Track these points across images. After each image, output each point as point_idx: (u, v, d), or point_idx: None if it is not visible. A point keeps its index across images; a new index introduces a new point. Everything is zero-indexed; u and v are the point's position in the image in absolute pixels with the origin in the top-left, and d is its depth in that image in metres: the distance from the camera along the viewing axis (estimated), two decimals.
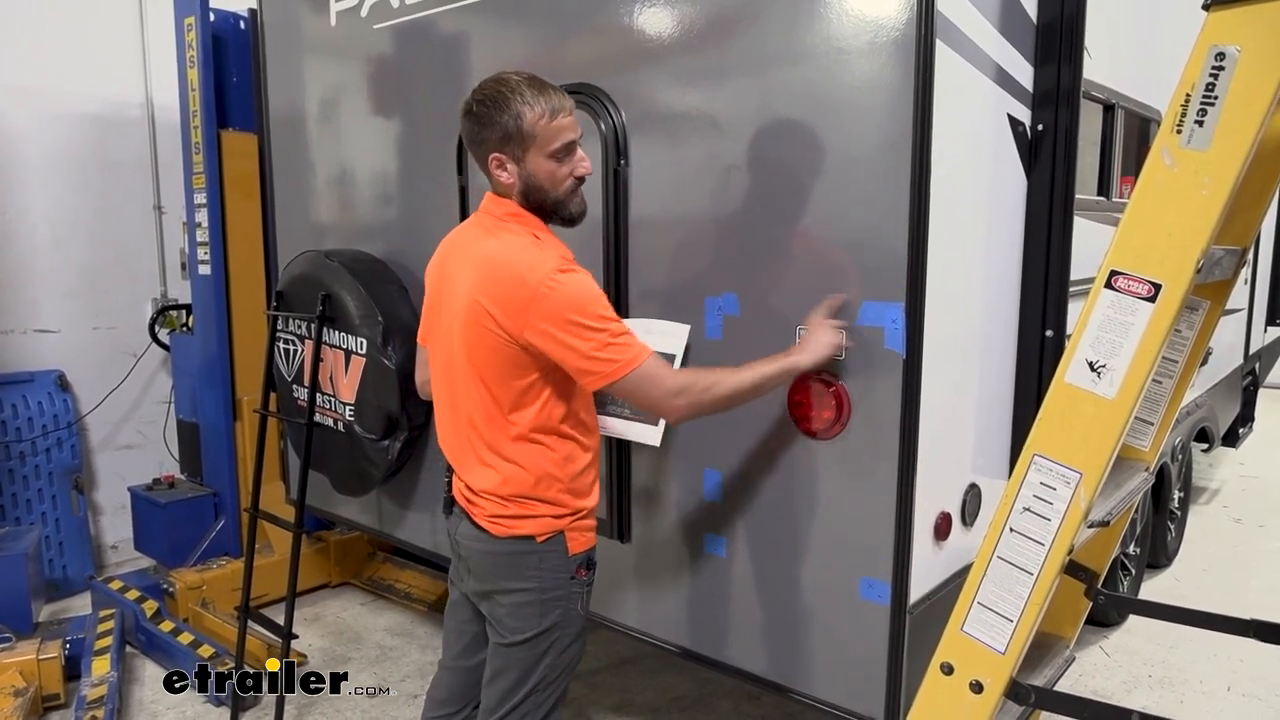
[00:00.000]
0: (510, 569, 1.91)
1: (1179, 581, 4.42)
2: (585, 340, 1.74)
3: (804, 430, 2.19)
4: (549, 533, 1.89)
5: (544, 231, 1.90)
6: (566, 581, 1.92)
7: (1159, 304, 1.43)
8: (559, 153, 1.82)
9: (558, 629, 1.92)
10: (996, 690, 1.60)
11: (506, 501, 1.88)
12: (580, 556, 1.94)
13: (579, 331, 1.74)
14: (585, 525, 1.96)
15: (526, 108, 1.78)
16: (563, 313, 1.73)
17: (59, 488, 4.43)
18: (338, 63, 3.41)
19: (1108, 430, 1.47)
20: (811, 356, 2.01)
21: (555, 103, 1.81)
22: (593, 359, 1.75)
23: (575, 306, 1.74)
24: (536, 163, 1.82)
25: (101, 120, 4.65)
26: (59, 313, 4.57)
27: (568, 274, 1.76)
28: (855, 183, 2.05)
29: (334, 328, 3.14)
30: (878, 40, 1.98)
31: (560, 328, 1.73)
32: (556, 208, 1.88)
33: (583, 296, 1.76)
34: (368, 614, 4.15)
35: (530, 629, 1.90)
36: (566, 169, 1.85)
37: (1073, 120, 2.33)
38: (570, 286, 1.75)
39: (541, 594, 1.90)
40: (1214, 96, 1.37)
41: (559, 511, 1.90)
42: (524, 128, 1.78)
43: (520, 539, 1.89)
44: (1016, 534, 1.57)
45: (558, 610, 1.91)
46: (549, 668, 1.93)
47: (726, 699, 3.33)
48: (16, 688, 3.09)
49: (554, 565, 1.90)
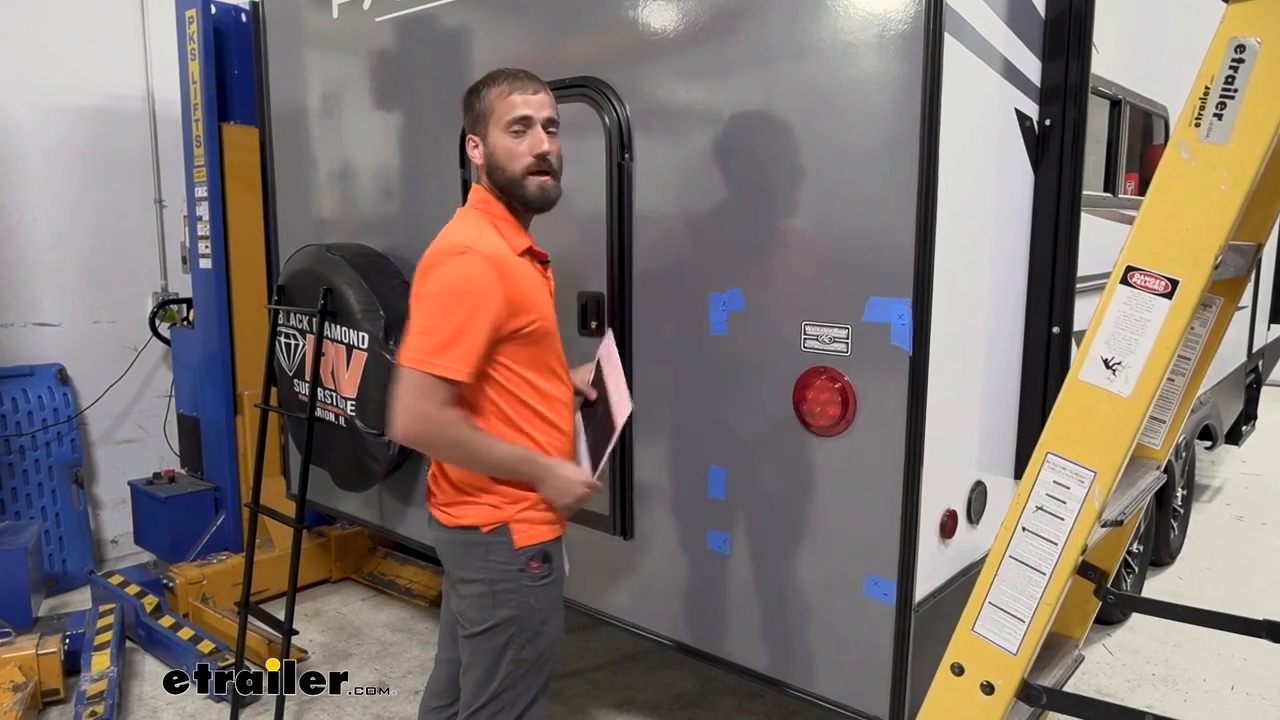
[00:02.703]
0: (462, 559, 1.92)
1: (1182, 580, 4.41)
2: (426, 315, 1.77)
3: (809, 427, 2.17)
4: (493, 523, 1.88)
5: (506, 221, 1.89)
6: (515, 574, 1.89)
7: (1176, 300, 1.42)
8: (513, 126, 1.84)
9: (513, 623, 1.89)
10: (1008, 691, 1.59)
11: (451, 489, 1.91)
12: (530, 550, 1.89)
13: (427, 304, 1.77)
14: (535, 517, 1.91)
15: (489, 88, 1.87)
16: (437, 282, 1.77)
17: (59, 482, 4.42)
18: (339, 56, 3.39)
19: (1123, 428, 1.45)
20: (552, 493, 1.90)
21: (521, 83, 1.86)
22: (412, 334, 1.77)
23: (450, 286, 1.75)
24: (495, 137, 1.86)
25: (102, 113, 4.62)
26: (59, 306, 4.55)
27: (475, 259, 1.76)
28: (862, 177, 2.04)
29: (335, 322, 3.12)
30: (886, 34, 1.96)
31: (423, 293, 1.78)
32: (512, 186, 1.87)
33: (463, 283, 1.75)
34: (368, 609, 4.14)
35: (484, 620, 1.90)
36: (524, 145, 1.84)
37: (1080, 115, 2.31)
38: (463, 268, 1.75)
39: (491, 585, 1.89)
40: (1233, 89, 1.35)
41: (501, 500, 1.88)
42: (485, 106, 1.86)
43: (466, 529, 1.90)
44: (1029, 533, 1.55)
45: (509, 603, 1.89)
46: (514, 663, 1.90)
47: (729, 696, 3.32)
48: (16, 683, 3.07)
49: (501, 558, 1.88)
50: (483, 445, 1.82)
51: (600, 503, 2.60)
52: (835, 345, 2.11)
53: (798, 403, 2.19)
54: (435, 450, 1.85)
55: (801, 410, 2.18)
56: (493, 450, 1.83)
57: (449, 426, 1.76)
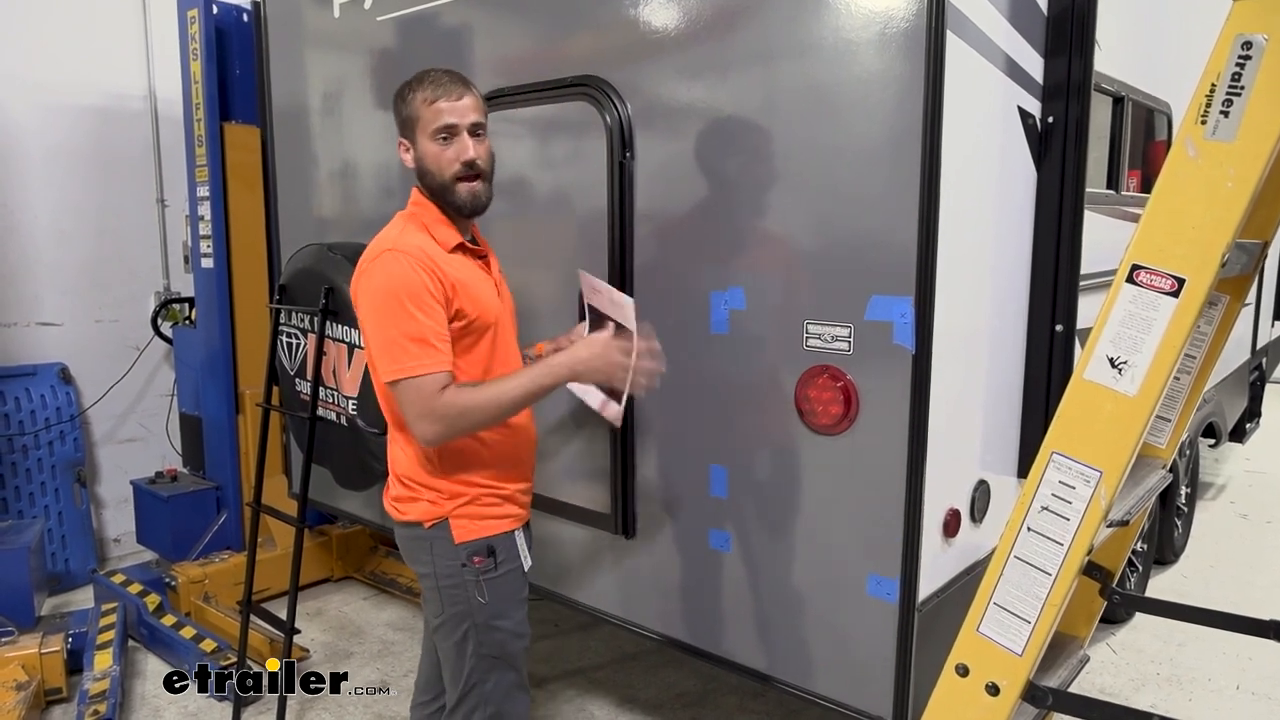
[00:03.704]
0: (411, 554, 1.96)
1: (1186, 578, 4.40)
2: (379, 330, 1.76)
3: (812, 426, 2.17)
4: (433, 519, 1.90)
5: (439, 222, 1.90)
6: (458, 570, 1.90)
7: (1182, 299, 1.40)
8: (439, 133, 1.85)
9: (464, 618, 1.91)
10: (1013, 692, 1.58)
11: (396, 483, 1.93)
12: (473, 545, 1.90)
13: (374, 318, 1.77)
14: (475, 512, 1.91)
15: (417, 92, 1.86)
16: (371, 295, 1.77)
17: (61, 481, 4.42)
18: (341, 55, 3.38)
19: (1129, 428, 1.44)
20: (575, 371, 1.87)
21: (441, 89, 1.84)
22: (380, 351, 1.76)
23: (382, 291, 1.76)
24: (423, 144, 1.87)
25: (104, 113, 4.62)
26: (62, 306, 4.55)
27: (394, 257, 1.77)
28: (864, 175, 2.03)
29: (337, 321, 3.11)
30: (887, 32, 1.95)
31: (365, 311, 1.78)
32: (443, 192, 1.89)
33: (392, 283, 1.75)
34: (370, 608, 4.14)
35: (437, 615, 1.94)
36: (451, 153, 1.86)
37: (1083, 113, 2.30)
38: (386, 270, 1.76)
39: (437, 580, 1.91)
40: (1240, 86, 1.34)
41: (438, 496, 1.89)
42: (411, 112, 1.87)
43: (410, 524, 1.92)
44: (1035, 534, 1.54)
45: (456, 598, 1.91)
46: (476, 657, 1.92)
47: (730, 696, 3.31)
48: (19, 681, 3.08)
49: (443, 553, 1.90)
50: (496, 396, 1.78)
51: (601, 501, 2.60)
52: (837, 344, 2.11)
53: (800, 402, 2.18)
54: (467, 430, 1.82)
55: (804, 409, 2.17)
56: (509, 393, 1.79)
57: (456, 405, 1.75)
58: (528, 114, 2.63)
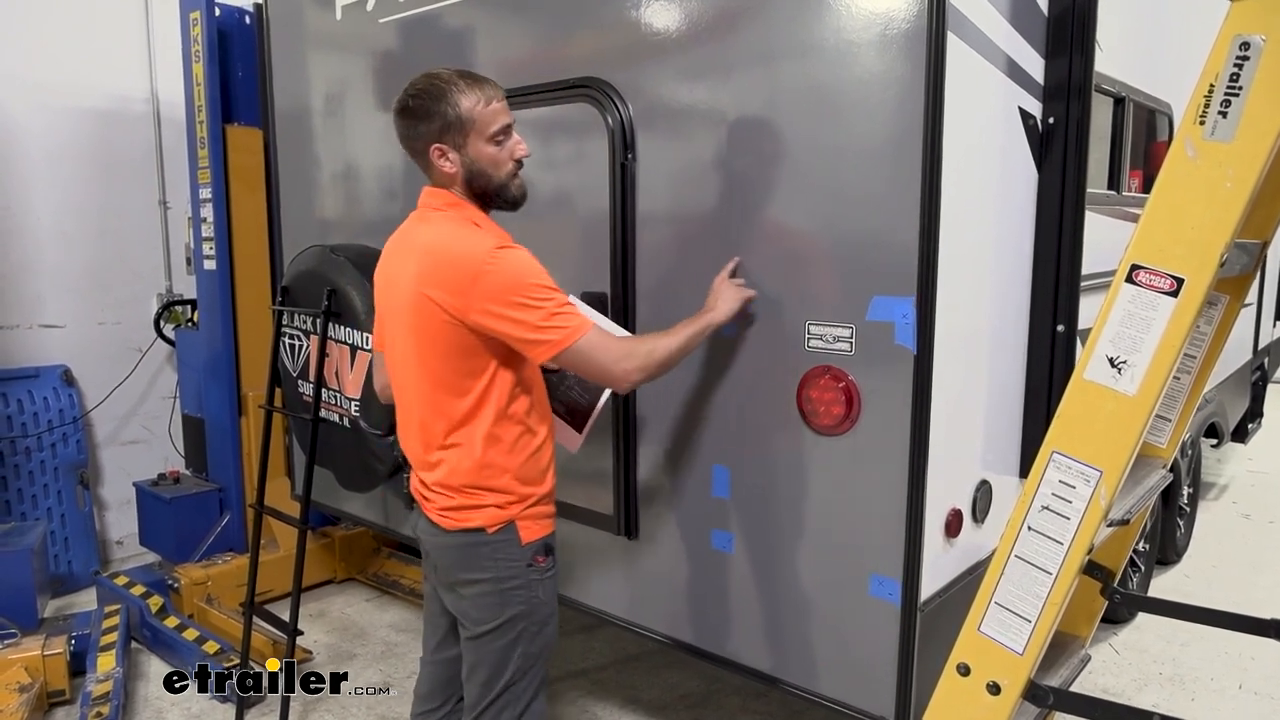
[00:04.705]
0: (466, 561, 1.93)
1: (1188, 578, 4.39)
2: (530, 313, 1.77)
3: (813, 426, 2.17)
4: (499, 523, 1.90)
5: (484, 219, 1.93)
6: (524, 570, 1.92)
7: (1181, 298, 1.41)
8: (498, 135, 1.87)
9: (522, 619, 1.93)
10: (1014, 691, 1.58)
11: (454, 493, 1.90)
12: (536, 544, 1.94)
13: (523, 307, 1.77)
14: (538, 513, 1.96)
15: (462, 96, 1.84)
16: (506, 290, 1.77)
17: (64, 483, 4.43)
18: (343, 57, 3.39)
19: (1128, 427, 1.45)
20: (725, 311, 2.11)
21: (489, 91, 1.87)
22: (540, 329, 1.78)
23: (517, 282, 1.77)
24: (478, 148, 1.87)
25: (106, 115, 4.63)
26: (64, 308, 4.56)
27: (507, 250, 1.80)
28: (865, 176, 2.03)
29: (339, 323, 3.12)
30: (888, 33, 1.95)
31: (505, 305, 1.77)
32: (500, 191, 1.92)
33: (524, 271, 1.79)
34: (373, 610, 4.14)
35: (493, 619, 1.92)
36: (506, 152, 1.89)
37: (1084, 113, 2.30)
38: (510, 262, 1.79)
39: (499, 584, 1.91)
40: (1238, 87, 1.34)
41: (506, 500, 1.90)
42: (463, 114, 1.84)
43: (471, 531, 1.90)
44: (1035, 533, 1.54)
45: (518, 599, 1.92)
46: (522, 657, 1.94)
47: (734, 696, 3.31)
48: (22, 683, 3.08)
49: (508, 555, 1.91)
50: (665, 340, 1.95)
51: (604, 502, 2.60)
52: (839, 345, 2.11)
53: (801, 402, 2.18)
54: (653, 371, 1.92)
55: (805, 410, 2.18)
56: (676, 337, 1.98)
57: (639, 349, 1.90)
58: (529, 115, 2.64)
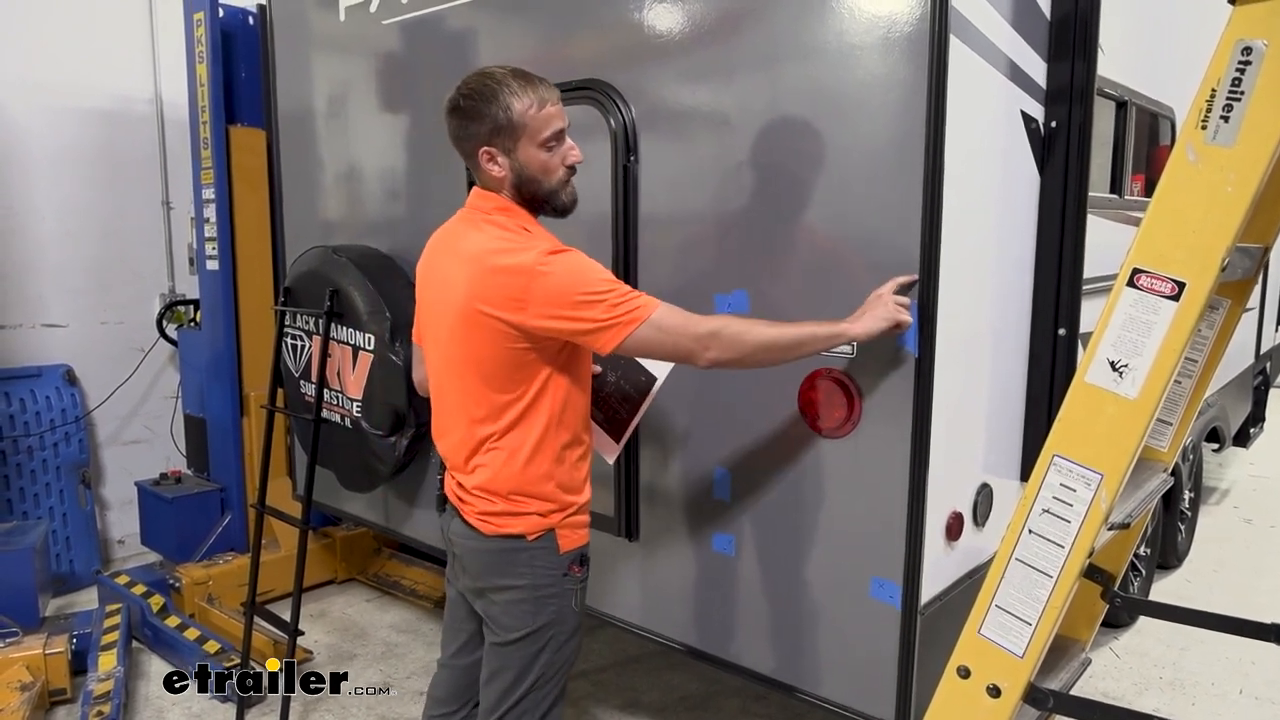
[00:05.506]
0: (502, 567, 1.90)
1: (1189, 582, 4.39)
2: (592, 309, 1.73)
3: (815, 428, 2.17)
4: (539, 531, 1.88)
5: (533, 224, 1.89)
6: (559, 579, 1.90)
7: (1183, 303, 1.41)
8: (550, 141, 1.82)
9: (553, 626, 1.91)
10: (1014, 695, 1.58)
11: (496, 498, 1.87)
12: (573, 554, 1.92)
13: (584, 305, 1.73)
14: (577, 522, 1.94)
15: (515, 99, 1.77)
16: (564, 292, 1.73)
17: (66, 482, 4.44)
18: (346, 58, 3.39)
19: (1129, 431, 1.45)
20: (865, 328, 1.90)
21: (543, 93, 1.80)
22: (606, 318, 1.74)
23: (573, 283, 1.74)
24: (528, 153, 1.81)
25: (110, 115, 4.64)
26: (67, 307, 4.57)
27: (559, 255, 1.76)
28: (868, 179, 2.03)
29: (341, 323, 3.13)
30: (891, 36, 1.95)
31: (566, 306, 1.73)
32: (549, 198, 1.88)
33: (578, 270, 1.76)
34: (373, 610, 4.15)
35: (524, 626, 1.90)
36: (558, 158, 1.85)
37: (1086, 117, 2.30)
38: (563, 265, 1.75)
39: (534, 591, 1.89)
40: (1240, 92, 1.34)
41: (548, 508, 1.88)
42: (514, 118, 1.78)
43: (510, 537, 1.88)
44: (1036, 536, 1.54)
45: (551, 607, 1.90)
46: (546, 665, 1.92)
47: (734, 699, 3.31)
48: (23, 682, 3.09)
49: (546, 563, 1.89)
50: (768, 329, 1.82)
51: (605, 504, 2.60)
52: (840, 347, 2.11)
53: (803, 404, 2.18)
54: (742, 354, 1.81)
55: (807, 412, 2.18)
56: (784, 330, 1.84)
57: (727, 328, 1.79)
58: None
